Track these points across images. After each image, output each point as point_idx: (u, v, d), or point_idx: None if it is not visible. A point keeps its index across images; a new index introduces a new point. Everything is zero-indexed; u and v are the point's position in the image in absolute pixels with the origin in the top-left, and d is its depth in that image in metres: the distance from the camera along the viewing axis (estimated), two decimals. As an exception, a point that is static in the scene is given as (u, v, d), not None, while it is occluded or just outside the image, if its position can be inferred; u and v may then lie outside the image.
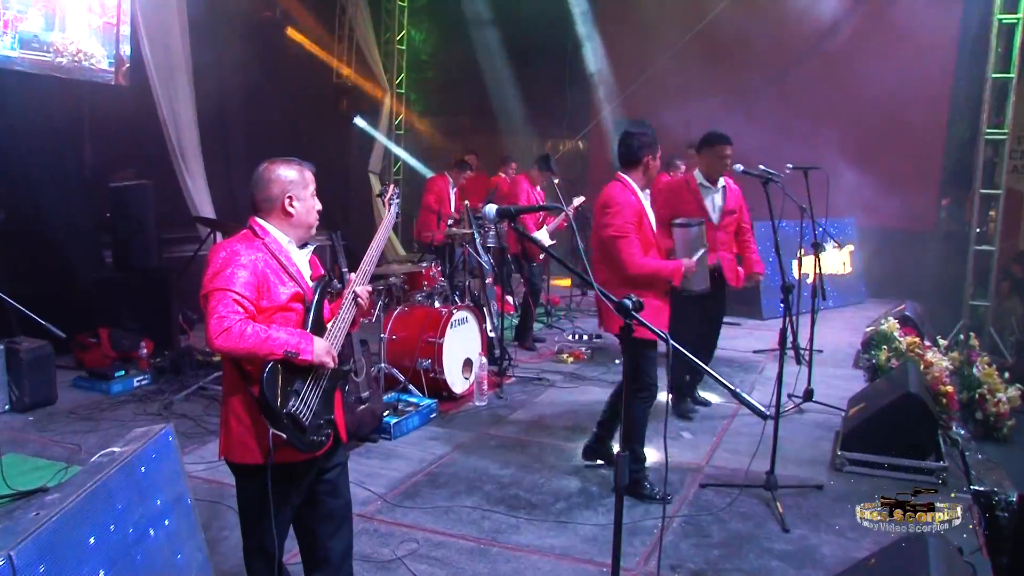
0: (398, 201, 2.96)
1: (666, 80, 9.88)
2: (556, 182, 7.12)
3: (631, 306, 2.17)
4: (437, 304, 5.81)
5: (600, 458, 4.44)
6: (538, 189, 7.26)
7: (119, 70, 7.36)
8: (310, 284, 2.51)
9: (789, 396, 5.47)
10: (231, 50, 8.47)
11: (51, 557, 2.09)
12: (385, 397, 5.11)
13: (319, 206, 2.56)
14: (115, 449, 2.66)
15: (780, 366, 4.09)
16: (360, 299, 2.59)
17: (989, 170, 8.44)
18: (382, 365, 5.29)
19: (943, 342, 6.07)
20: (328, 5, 10.76)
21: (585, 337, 7.54)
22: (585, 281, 2.37)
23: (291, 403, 2.34)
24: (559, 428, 5.14)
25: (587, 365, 6.70)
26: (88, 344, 6.08)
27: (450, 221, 7.48)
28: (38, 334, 5.10)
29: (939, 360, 5.41)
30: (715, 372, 2.27)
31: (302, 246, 2.54)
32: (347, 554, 2.70)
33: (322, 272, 2.61)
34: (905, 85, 9.28)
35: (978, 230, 8.45)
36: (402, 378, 5.41)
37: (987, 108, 8.25)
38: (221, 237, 6.29)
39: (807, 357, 5.78)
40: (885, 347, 5.99)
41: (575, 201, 7.62)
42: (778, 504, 3.88)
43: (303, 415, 2.37)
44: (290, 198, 2.46)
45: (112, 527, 2.40)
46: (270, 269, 2.40)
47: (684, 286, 4.04)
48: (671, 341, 2.16)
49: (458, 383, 5.65)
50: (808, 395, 5.52)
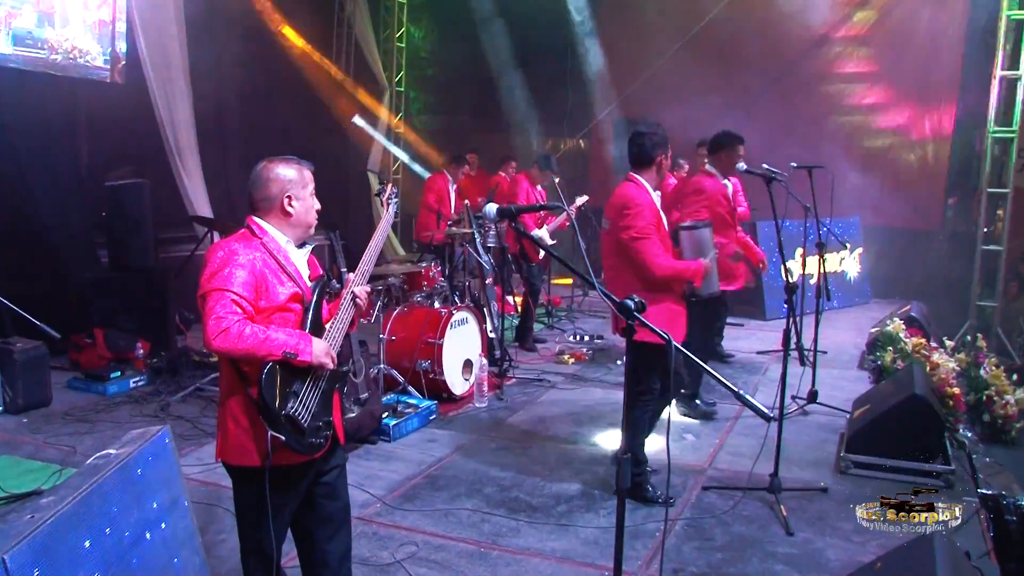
0: (397, 200, 2.96)
1: (666, 79, 9.88)
2: (557, 181, 7.13)
3: (633, 307, 2.17)
4: (437, 304, 5.82)
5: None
6: (539, 188, 7.26)
7: (115, 68, 7.36)
8: (309, 284, 2.51)
9: (793, 398, 5.47)
10: (228, 47, 8.48)
11: (46, 561, 2.09)
12: (384, 398, 5.12)
13: (318, 205, 2.56)
14: (111, 451, 2.66)
15: (784, 367, 4.09)
16: (359, 299, 2.59)
17: (996, 169, 8.44)
18: (381, 366, 5.30)
19: (950, 343, 6.06)
20: (326, 2, 10.76)
21: (586, 338, 7.54)
22: (586, 281, 2.37)
23: (290, 405, 2.34)
24: (560, 430, 5.14)
25: (588, 366, 6.71)
26: (83, 345, 6.08)
27: (450, 221, 7.48)
28: (32, 334, 5.09)
29: (945, 361, 5.41)
30: (718, 374, 2.28)
31: (300, 246, 2.54)
32: (345, 557, 2.70)
33: (320, 272, 2.61)
34: (911, 82, 9.28)
35: (985, 229, 8.45)
36: (401, 379, 5.41)
37: (994, 106, 8.25)
38: (218, 237, 6.30)
39: (811, 358, 5.77)
40: (890, 348, 5.98)
41: (577, 201, 7.62)
42: (782, 507, 3.88)
43: (302, 417, 2.37)
44: (289, 197, 2.46)
45: (108, 530, 2.40)
46: (268, 269, 2.40)
47: (693, 290, 4.00)
48: (673, 343, 2.16)
49: (458, 384, 5.65)
50: (812, 397, 5.52)
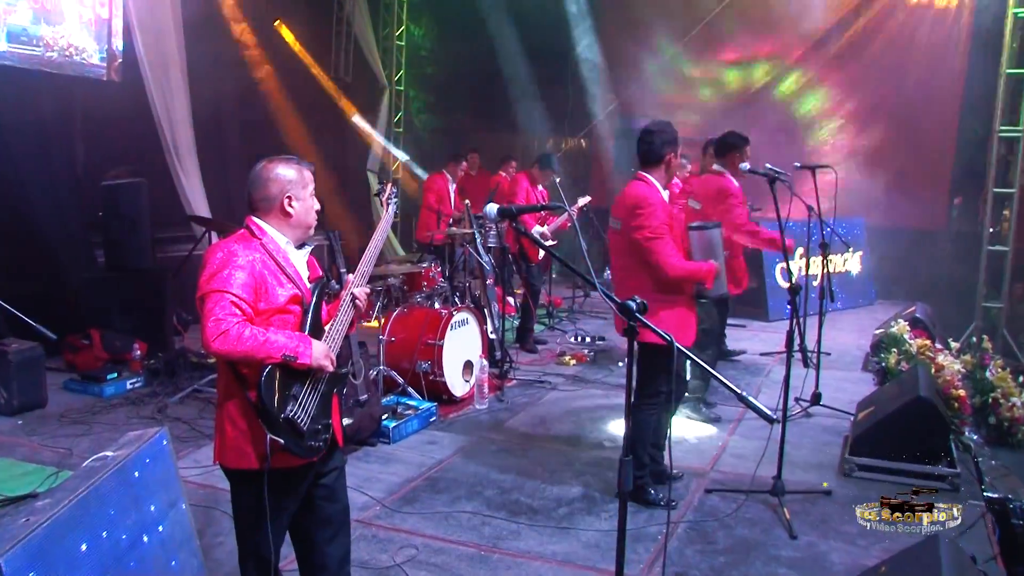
0: (396, 200, 2.96)
1: (667, 79, 9.89)
2: (558, 181, 7.12)
3: (635, 308, 2.17)
4: (437, 305, 5.82)
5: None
6: (540, 188, 7.25)
7: (111, 65, 7.36)
8: (308, 286, 2.51)
9: (796, 400, 5.47)
10: (226, 45, 8.48)
11: (41, 564, 2.10)
12: (384, 400, 5.12)
13: (317, 206, 2.56)
14: (108, 453, 2.67)
15: (787, 369, 4.10)
16: (358, 300, 2.59)
17: (1002, 168, 8.43)
18: (381, 367, 5.31)
19: (955, 345, 6.06)
20: (325, 0, 10.75)
21: (588, 339, 7.54)
22: (587, 282, 2.37)
23: (289, 408, 2.34)
24: (561, 432, 5.14)
25: (590, 368, 6.71)
26: (79, 346, 6.08)
27: (451, 221, 7.48)
28: (28, 335, 5.11)
29: (951, 363, 5.41)
30: (721, 375, 2.28)
31: (300, 246, 2.54)
32: (345, 560, 2.71)
33: (320, 273, 2.61)
34: (916, 81, 9.28)
35: (991, 230, 8.44)
36: (401, 381, 5.42)
37: (1000, 105, 8.24)
38: (216, 237, 6.30)
39: (814, 360, 5.77)
40: (895, 350, 5.99)
41: (580, 201, 7.61)
42: (785, 510, 3.88)
43: (301, 420, 2.37)
44: (289, 198, 2.46)
45: (104, 533, 2.40)
46: (268, 270, 2.40)
47: (702, 291, 3.99)
48: (676, 344, 2.16)
49: (458, 386, 5.65)
50: (816, 399, 5.52)
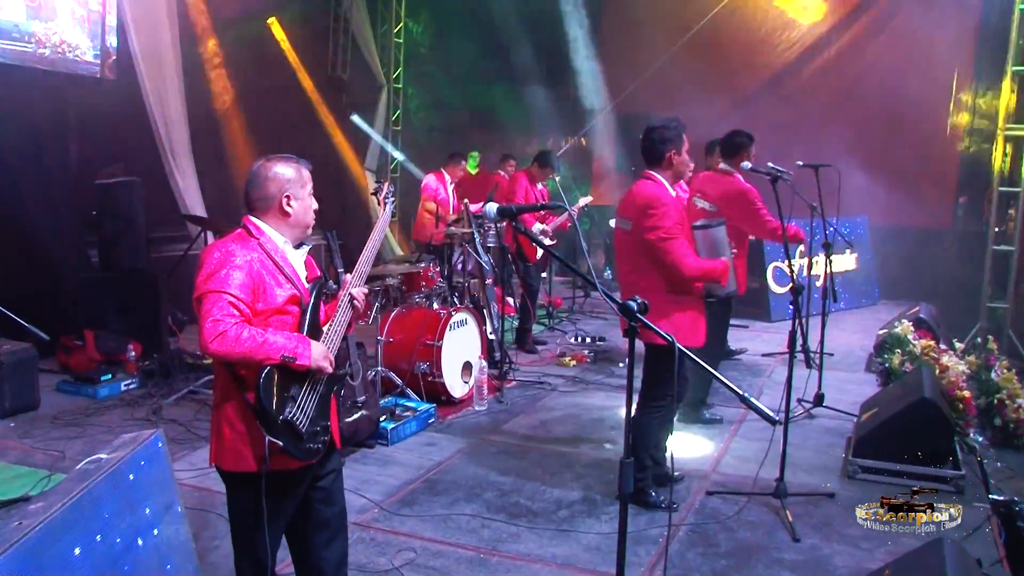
0: (394, 199, 2.97)
1: (667, 77, 9.89)
2: (557, 180, 7.12)
3: (636, 308, 2.17)
4: (436, 306, 5.82)
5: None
6: (539, 187, 7.25)
7: (105, 62, 7.35)
8: (306, 286, 2.51)
9: (799, 401, 5.47)
10: (222, 43, 8.47)
11: (34, 568, 2.10)
12: (382, 401, 5.12)
13: (316, 205, 2.56)
14: (102, 456, 2.67)
15: (789, 370, 4.10)
16: (356, 301, 2.59)
17: (1008, 167, 8.43)
18: (379, 368, 5.31)
19: (959, 345, 6.07)
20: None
21: (588, 340, 7.55)
22: (588, 282, 2.38)
23: (287, 409, 2.34)
24: (561, 434, 5.15)
25: (590, 369, 6.71)
26: (73, 347, 6.08)
27: (450, 221, 7.48)
28: (20, 336, 5.10)
29: (955, 364, 5.41)
30: (722, 376, 2.28)
31: (298, 246, 2.54)
32: (342, 564, 2.71)
33: (318, 273, 2.61)
34: (921, 78, 9.27)
35: (996, 229, 8.44)
36: (399, 382, 5.42)
37: (1006, 103, 8.23)
38: (212, 236, 6.30)
39: (817, 361, 5.78)
40: (899, 350, 5.99)
41: (580, 201, 7.61)
42: (788, 512, 3.89)
43: (300, 422, 2.37)
44: (287, 197, 2.46)
45: (99, 537, 2.40)
46: (266, 270, 2.40)
47: (714, 290, 4.00)
48: (678, 345, 2.17)
49: (457, 387, 5.65)
50: (818, 400, 5.52)
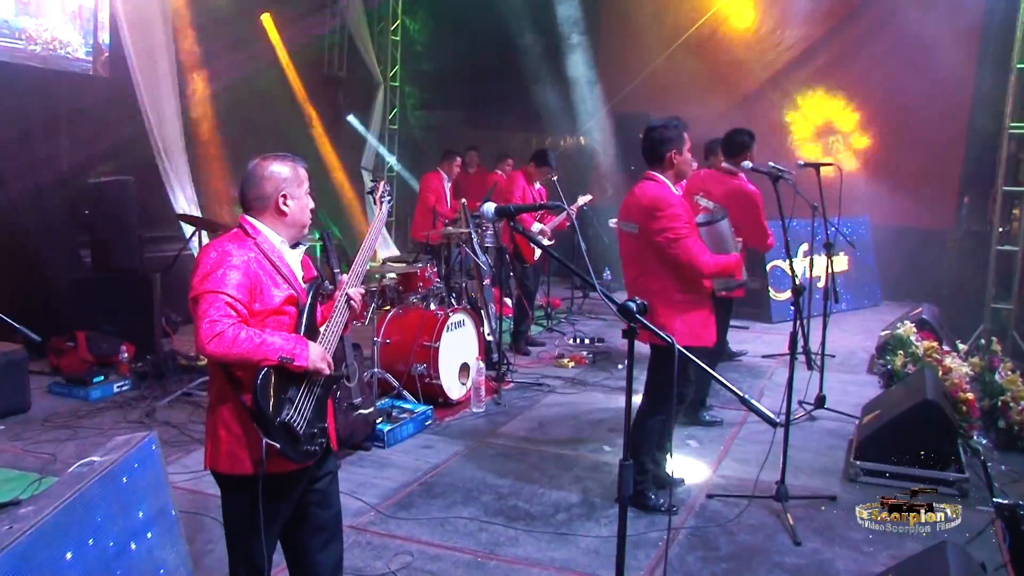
0: (390, 199, 2.97)
1: (667, 77, 9.91)
2: (555, 178, 7.11)
3: (635, 309, 2.17)
4: (433, 306, 5.82)
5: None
6: (537, 186, 7.24)
7: (97, 60, 7.35)
8: (303, 286, 2.51)
9: (800, 403, 5.48)
10: (217, 40, 8.46)
11: (25, 573, 2.09)
12: (378, 403, 5.12)
13: (312, 204, 2.57)
14: (95, 458, 2.67)
15: (791, 371, 4.10)
16: (353, 301, 2.60)
17: (1013, 166, 8.43)
18: (375, 370, 5.31)
19: (963, 347, 6.08)
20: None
21: (587, 341, 7.55)
22: (587, 282, 2.38)
23: (285, 412, 2.35)
24: (560, 436, 5.15)
25: (589, 370, 6.72)
26: (64, 348, 6.07)
27: (447, 221, 7.47)
28: (10, 337, 5.10)
29: (959, 366, 5.42)
30: (723, 378, 2.29)
31: (294, 246, 2.55)
32: (338, 568, 2.71)
33: (315, 273, 2.61)
34: (924, 76, 9.28)
35: (1001, 229, 8.44)
36: (396, 383, 5.42)
37: (1011, 100, 8.22)
38: (206, 236, 6.30)
39: (819, 362, 5.79)
40: (901, 352, 6.00)
41: (580, 200, 7.61)
42: (789, 516, 3.90)
43: (297, 424, 2.37)
44: (284, 196, 2.47)
45: (91, 541, 2.40)
46: (263, 270, 2.40)
47: (730, 284, 4.03)
48: (678, 347, 2.17)
49: (454, 389, 5.66)
50: (820, 402, 5.54)
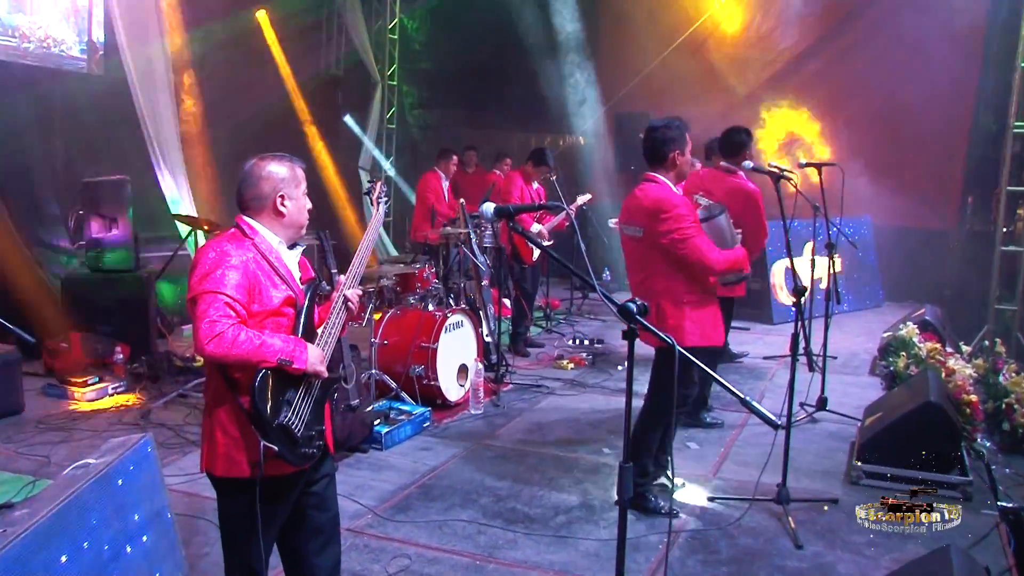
0: (386, 199, 2.97)
1: (667, 76, 9.91)
2: (554, 178, 7.11)
3: (635, 310, 2.18)
4: (431, 307, 5.82)
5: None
6: (535, 186, 7.24)
7: (92, 57, 7.35)
8: (301, 287, 2.52)
9: (801, 405, 5.49)
10: (212, 38, 8.47)
11: (20, 576, 2.10)
12: (376, 405, 5.12)
13: (309, 205, 2.57)
14: (90, 460, 2.67)
15: (792, 373, 4.10)
16: (350, 302, 2.60)
17: (1017, 166, 8.42)
18: (373, 371, 5.31)
19: (966, 348, 6.07)
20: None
21: (586, 342, 7.56)
22: (586, 283, 2.38)
23: (283, 414, 2.35)
24: (559, 438, 5.15)
25: (588, 371, 6.72)
26: (58, 349, 6.06)
27: (446, 221, 7.47)
28: (3, 338, 5.09)
29: (962, 367, 5.42)
30: (724, 379, 2.29)
31: (291, 246, 2.55)
32: (335, 571, 2.71)
33: (312, 274, 2.62)
34: (927, 75, 9.27)
35: (1004, 229, 8.44)
36: (394, 385, 5.42)
37: (1015, 100, 8.22)
38: (202, 236, 6.30)
39: (820, 364, 5.79)
40: (904, 353, 6.00)
41: (579, 200, 7.61)
42: (790, 519, 3.90)
43: (295, 426, 2.38)
44: (281, 197, 2.47)
45: (86, 544, 2.40)
46: (261, 271, 2.40)
47: (740, 277, 4.08)
48: (678, 348, 2.17)
49: (453, 390, 5.66)
50: (821, 404, 5.54)
